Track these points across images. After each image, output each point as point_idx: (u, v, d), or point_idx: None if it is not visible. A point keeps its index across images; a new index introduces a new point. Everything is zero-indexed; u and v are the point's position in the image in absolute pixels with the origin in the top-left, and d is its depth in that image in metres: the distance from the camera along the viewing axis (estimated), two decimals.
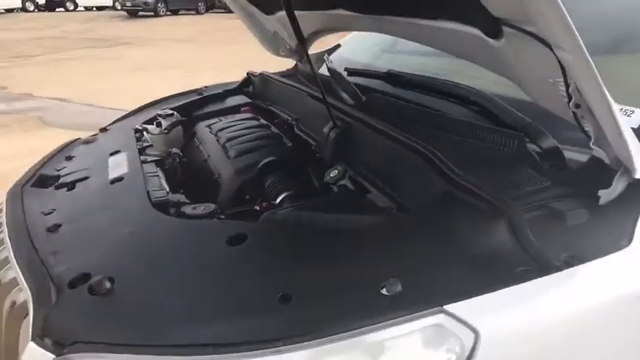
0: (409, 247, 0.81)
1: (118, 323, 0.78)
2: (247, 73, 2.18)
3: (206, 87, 2.22)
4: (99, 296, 0.81)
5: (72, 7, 21.05)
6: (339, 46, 2.36)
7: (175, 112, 1.78)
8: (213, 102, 2.00)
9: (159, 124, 1.72)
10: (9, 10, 19.70)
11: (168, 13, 18.25)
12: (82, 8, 21.21)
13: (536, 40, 0.74)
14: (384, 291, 0.72)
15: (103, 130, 1.74)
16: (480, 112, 1.16)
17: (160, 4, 17.80)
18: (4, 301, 0.94)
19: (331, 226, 0.92)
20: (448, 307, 0.66)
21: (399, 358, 0.65)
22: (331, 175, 1.19)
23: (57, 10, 20.67)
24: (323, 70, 1.80)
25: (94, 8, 21.30)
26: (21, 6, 20.08)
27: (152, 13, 17.66)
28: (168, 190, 1.18)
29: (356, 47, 2.33)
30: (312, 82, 1.71)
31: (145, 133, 1.64)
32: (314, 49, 2.18)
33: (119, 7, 18.90)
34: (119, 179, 1.23)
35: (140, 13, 17.89)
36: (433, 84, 1.34)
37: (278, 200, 1.18)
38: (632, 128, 0.79)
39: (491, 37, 0.87)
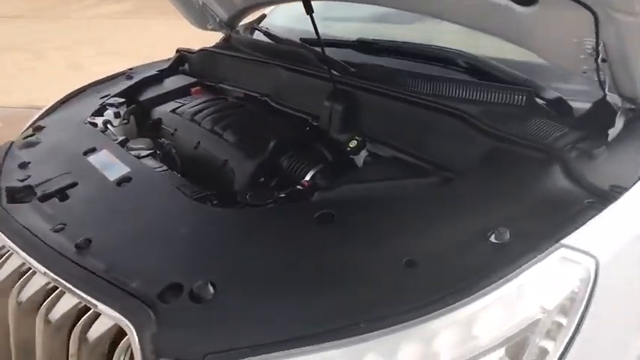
0: (488, 202, 0.90)
1: (239, 326, 0.75)
2: (178, 51, 2.04)
3: (131, 69, 2.03)
4: (204, 303, 0.77)
5: None
6: (264, 16, 2.32)
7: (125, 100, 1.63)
8: (153, 85, 1.85)
9: (117, 115, 1.55)
10: None
11: None
12: None
13: (580, 4, 0.87)
14: (492, 239, 0.81)
15: (39, 128, 1.52)
16: (473, 73, 1.28)
17: None
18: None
19: (405, 192, 0.98)
20: (564, 242, 0.78)
21: (537, 297, 0.74)
22: (351, 145, 1.23)
23: None
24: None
25: None
26: None
27: None
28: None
29: (284, 16, 2.30)
30: (268, 53, 1.68)
31: (108, 125, 1.48)
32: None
33: None
34: (126, 179, 1.12)
35: None
36: (416, 49, 1.42)
37: (308, 177, 1.19)
38: None
39: (524, 5, 0.98)
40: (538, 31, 1.03)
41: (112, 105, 1.61)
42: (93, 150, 1.28)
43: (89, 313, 0.83)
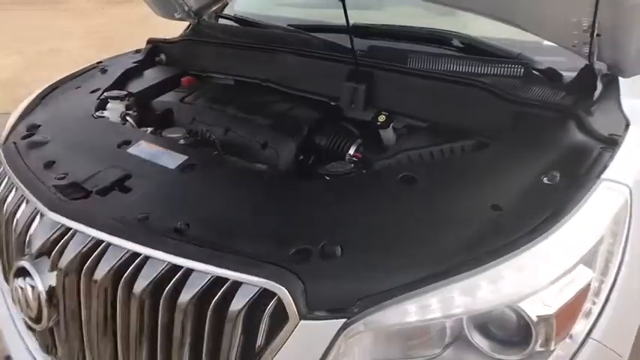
0: (528, 155, 1.10)
1: (372, 275, 0.86)
2: (150, 41, 2.00)
3: (100, 62, 1.96)
4: (335, 260, 0.88)
5: None
6: (226, 4, 2.34)
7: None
8: (138, 77, 1.81)
9: (129, 107, 1.53)
10: None
11: None
12: None
13: None
14: (545, 180, 1.01)
15: (34, 127, 1.44)
16: (468, 52, 1.48)
17: None
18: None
19: (455, 154, 1.15)
20: (604, 176, 1.01)
21: (596, 221, 0.95)
22: (380, 120, 1.37)
23: None
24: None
25: None
26: None
27: None
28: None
29: (248, 1, 2.34)
30: (263, 40, 1.74)
31: (127, 118, 1.46)
32: None
33: None
34: (190, 166, 1.15)
35: None
36: (412, 32, 1.58)
37: (352, 151, 1.31)
38: None
39: None
40: (539, 12, 1.25)
41: (115, 98, 1.57)
42: (128, 142, 1.28)
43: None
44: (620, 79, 1.31)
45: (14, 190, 1.21)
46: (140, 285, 0.92)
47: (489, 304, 0.85)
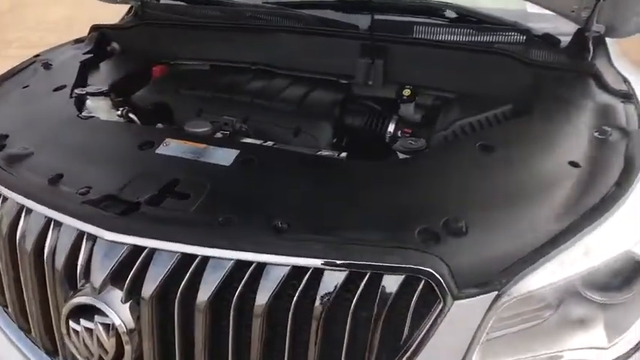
0: (570, 113, 1.17)
1: (502, 246, 0.86)
2: (96, 28, 1.74)
3: (38, 55, 1.67)
4: (464, 237, 0.86)
5: None
6: None
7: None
8: (97, 71, 1.57)
9: (119, 104, 1.33)
10: None
11: None
12: None
13: None
14: (597, 135, 1.09)
15: (3, 137, 1.19)
16: (464, 22, 1.52)
17: None
18: None
19: (506, 119, 1.19)
20: None
21: None
22: (405, 94, 1.36)
23: None
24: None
25: None
26: None
27: None
28: None
29: None
30: (231, 19, 1.61)
31: (131, 115, 1.26)
32: None
33: None
34: (247, 161, 1.03)
35: None
36: (408, 4, 1.57)
37: (392, 128, 1.28)
38: None
39: None
40: None
41: (96, 95, 1.34)
42: (150, 143, 1.10)
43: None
44: (607, 40, 1.46)
45: (23, 217, 0.98)
46: (262, 298, 0.81)
47: (604, 258, 0.90)
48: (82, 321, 0.87)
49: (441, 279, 0.80)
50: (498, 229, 0.88)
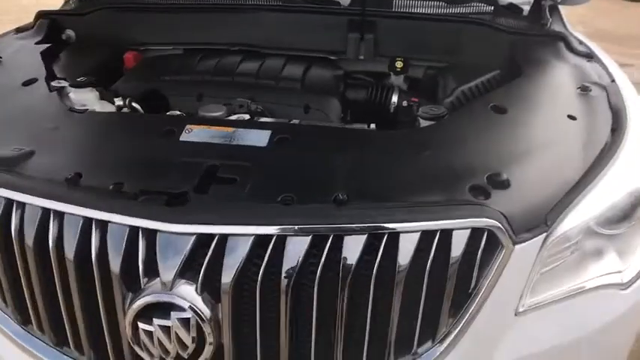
0: (555, 72, 1.30)
1: (542, 193, 0.95)
2: (44, 15, 1.58)
3: None
4: (509, 188, 0.94)
5: None
6: None
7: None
8: (61, 60, 1.44)
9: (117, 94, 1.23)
10: None
11: None
12: None
13: None
14: (580, 91, 1.23)
15: None
16: None
17: None
18: None
19: (507, 81, 1.28)
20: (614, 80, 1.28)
21: None
22: (398, 66, 1.41)
23: None
24: None
25: None
26: None
27: None
28: None
29: None
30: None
31: (132, 103, 1.19)
32: None
33: None
34: (282, 140, 1.03)
35: None
36: None
37: (395, 98, 1.33)
38: None
39: None
40: None
41: (80, 86, 1.23)
42: (171, 132, 1.05)
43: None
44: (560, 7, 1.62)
45: (52, 222, 0.89)
46: (347, 269, 0.83)
47: (617, 197, 1.03)
48: (156, 320, 0.82)
49: (502, 228, 0.87)
50: (532, 179, 0.98)
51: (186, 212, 0.85)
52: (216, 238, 0.83)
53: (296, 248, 0.83)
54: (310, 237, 0.83)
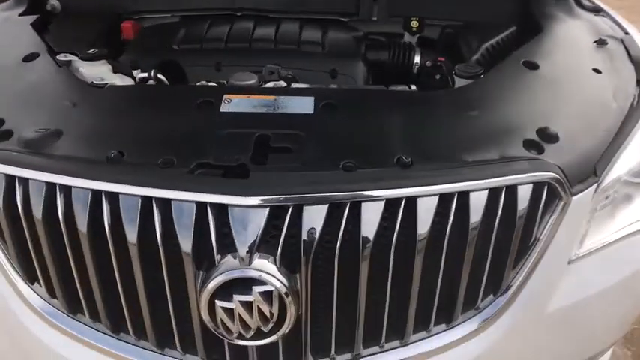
0: (573, 27, 1.32)
1: (589, 143, 0.99)
2: None
3: None
4: (558, 142, 0.95)
5: None
6: None
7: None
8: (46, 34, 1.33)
9: (135, 65, 1.15)
10: None
11: None
12: None
13: None
14: (597, 45, 1.27)
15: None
16: None
17: None
18: None
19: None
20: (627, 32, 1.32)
21: None
22: (413, 25, 1.40)
23: None
24: None
25: None
26: None
27: None
28: None
29: None
30: None
31: (158, 75, 1.11)
32: None
33: None
34: (328, 105, 1.00)
35: None
36: None
37: (418, 59, 1.32)
38: None
39: None
40: None
41: (92, 59, 1.14)
42: (208, 102, 1.00)
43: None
44: None
45: (105, 204, 0.83)
46: (423, 229, 0.83)
47: None
48: (236, 296, 0.80)
49: (561, 180, 0.90)
50: (577, 132, 1.00)
51: (256, 184, 0.82)
52: (291, 208, 0.81)
53: (370, 213, 0.82)
54: (384, 202, 0.83)
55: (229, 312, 0.82)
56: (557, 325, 1.02)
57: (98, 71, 1.14)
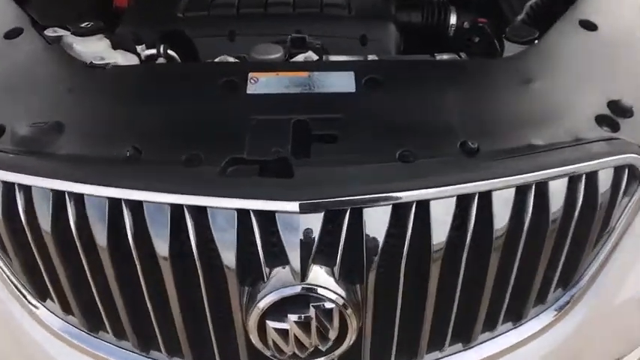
0: None
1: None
2: None
3: None
4: (630, 116, 0.84)
5: None
6: None
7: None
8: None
9: (139, 41, 0.99)
10: None
11: None
12: None
13: None
14: None
15: None
16: None
17: None
18: None
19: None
20: None
21: None
22: None
23: None
24: None
25: None
26: None
27: None
28: None
29: None
30: None
31: (171, 53, 0.96)
32: None
33: None
34: (371, 81, 0.86)
35: None
36: None
37: (454, 19, 1.18)
38: None
39: None
40: None
41: (87, 34, 0.98)
42: (232, 83, 0.86)
43: None
44: None
45: (127, 214, 0.70)
46: (500, 223, 0.72)
47: None
48: (291, 316, 0.69)
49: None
50: None
51: (305, 183, 0.69)
52: (348, 212, 0.69)
53: (440, 212, 0.71)
54: (455, 198, 0.71)
55: (283, 332, 0.71)
56: (626, 315, 0.94)
57: (95, 48, 0.97)
